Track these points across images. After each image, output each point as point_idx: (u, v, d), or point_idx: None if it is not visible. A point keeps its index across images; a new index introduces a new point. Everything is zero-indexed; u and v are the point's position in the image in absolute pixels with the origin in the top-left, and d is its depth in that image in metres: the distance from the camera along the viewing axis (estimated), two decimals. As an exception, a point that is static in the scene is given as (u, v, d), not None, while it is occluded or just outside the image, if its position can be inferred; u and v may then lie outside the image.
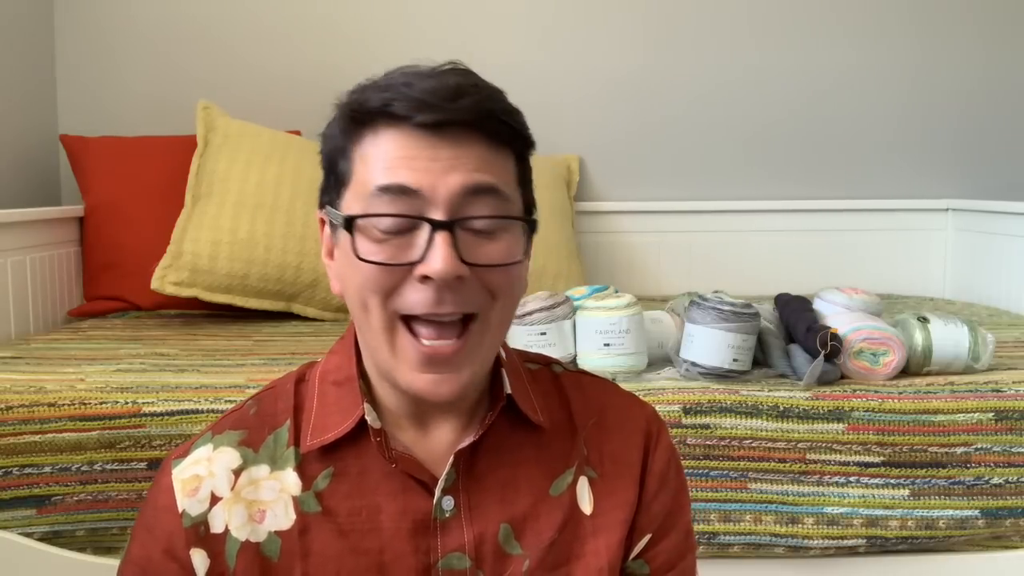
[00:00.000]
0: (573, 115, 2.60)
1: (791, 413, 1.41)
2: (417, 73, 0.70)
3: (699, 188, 2.66)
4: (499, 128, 0.70)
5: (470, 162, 0.68)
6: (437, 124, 0.68)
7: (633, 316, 1.51)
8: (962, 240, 2.62)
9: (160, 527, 0.74)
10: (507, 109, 0.71)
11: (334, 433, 0.74)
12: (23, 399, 1.40)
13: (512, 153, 0.73)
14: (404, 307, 0.69)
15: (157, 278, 2.05)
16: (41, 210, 2.19)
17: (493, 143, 0.70)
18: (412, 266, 0.68)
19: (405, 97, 0.68)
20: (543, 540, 0.76)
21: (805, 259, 2.63)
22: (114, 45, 2.53)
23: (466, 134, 0.69)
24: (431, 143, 0.68)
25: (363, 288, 0.70)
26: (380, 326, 0.70)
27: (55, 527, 1.41)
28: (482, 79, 0.72)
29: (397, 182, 0.68)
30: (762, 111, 2.63)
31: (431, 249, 0.67)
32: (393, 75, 0.71)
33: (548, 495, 0.77)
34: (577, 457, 0.79)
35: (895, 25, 2.63)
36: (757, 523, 1.42)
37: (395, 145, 0.69)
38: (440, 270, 0.66)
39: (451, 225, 0.67)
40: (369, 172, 0.69)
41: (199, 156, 2.20)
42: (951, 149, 2.67)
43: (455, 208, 0.68)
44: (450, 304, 0.68)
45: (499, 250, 0.70)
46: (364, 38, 2.53)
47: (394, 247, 0.68)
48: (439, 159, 0.68)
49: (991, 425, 1.42)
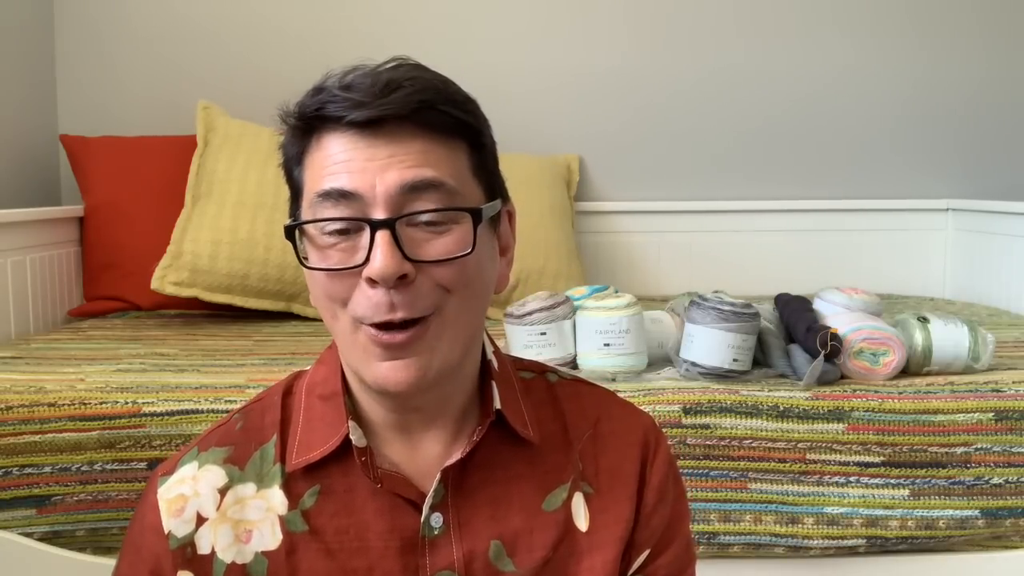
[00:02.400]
0: (573, 115, 2.60)
1: (791, 413, 1.41)
2: (356, 71, 0.69)
3: (699, 188, 2.66)
4: (439, 119, 0.68)
5: (409, 158, 0.67)
6: (370, 121, 0.66)
7: (633, 316, 1.51)
8: (962, 240, 2.62)
9: (147, 547, 0.73)
10: (448, 99, 0.69)
11: (320, 451, 0.73)
12: (23, 399, 1.40)
13: (463, 142, 0.70)
14: (357, 313, 0.68)
15: (157, 278, 2.05)
16: (41, 210, 2.19)
17: (435, 135, 0.68)
18: (359, 269, 0.67)
19: (338, 98, 0.67)
20: (536, 558, 0.74)
21: (805, 259, 2.63)
22: (114, 45, 2.52)
23: (403, 129, 0.67)
24: (369, 142, 0.67)
25: (323, 297, 0.69)
26: (347, 331, 0.69)
27: (55, 527, 1.40)
28: (425, 71, 0.70)
29: (336, 187, 0.67)
30: (762, 111, 2.63)
31: (373, 250, 0.65)
32: (330, 76, 0.70)
33: (541, 510, 0.75)
34: (572, 472, 0.77)
35: (896, 24, 2.63)
36: (757, 523, 1.42)
37: (335, 149, 0.67)
38: (379, 269, 0.65)
39: (391, 223, 0.65)
40: (313, 179, 0.69)
41: (199, 156, 2.20)
42: (951, 149, 2.67)
43: (396, 206, 0.66)
44: (401, 308, 0.66)
45: (446, 244, 0.67)
46: (364, 38, 2.53)
47: (340, 252, 0.67)
48: (376, 158, 0.66)
49: (991, 425, 1.42)
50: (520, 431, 0.75)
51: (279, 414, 0.77)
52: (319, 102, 0.68)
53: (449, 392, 0.74)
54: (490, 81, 2.46)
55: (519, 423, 0.76)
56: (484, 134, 0.72)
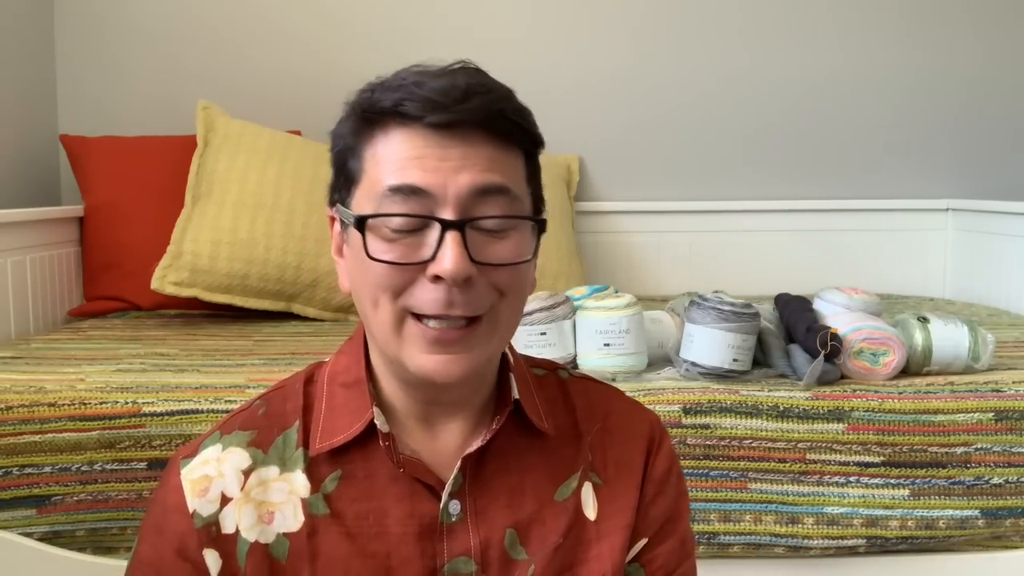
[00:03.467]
0: (573, 115, 2.60)
1: (791, 413, 1.41)
2: (428, 72, 0.71)
3: (699, 188, 2.66)
4: (508, 128, 0.71)
5: (480, 162, 0.69)
6: (448, 124, 0.68)
7: (633, 316, 1.51)
8: (962, 240, 2.62)
9: (171, 528, 0.74)
10: (516, 109, 0.72)
11: (343, 436, 0.74)
12: (23, 399, 1.40)
13: (521, 152, 0.73)
14: (414, 306, 0.69)
15: (157, 278, 2.05)
16: (41, 210, 2.19)
17: (502, 143, 0.71)
18: (423, 265, 0.68)
19: (416, 97, 0.68)
20: (548, 545, 0.76)
21: (805, 259, 2.63)
22: (114, 45, 2.53)
23: (476, 134, 0.69)
24: (441, 143, 0.68)
25: (374, 286, 0.70)
26: (390, 320, 0.70)
27: (55, 527, 1.40)
28: (492, 79, 0.72)
29: (408, 182, 0.68)
30: (762, 111, 2.63)
31: (442, 249, 0.67)
32: (404, 74, 0.71)
33: (553, 500, 0.77)
34: (582, 462, 0.79)
35: (895, 25, 2.63)
36: (757, 523, 1.42)
37: (406, 145, 0.69)
38: (451, 270, 0.67)
39: (461, 225, 0.68)
40: (380, 172, 0.70)
41: (199, 156, 2.20)
42: (951, 149, 2.67)
43: (465, 208, 0.68)
44: (459, 307, 0.69)
45: (508, 249, 0.70)
46: (364, 38, 2.53)
47: (405, 246, 0.69)
48: (449, 159, 0.68)
49: (991, 425, 1.42)
50: (536, 422, 0.78)
51: (301, 401, 0.78)
52: (397, 99, 0.69)
53: (477, 385, 0.76)
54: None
55: (535, 415, 0.78)
56: (539, 145, 0.75)
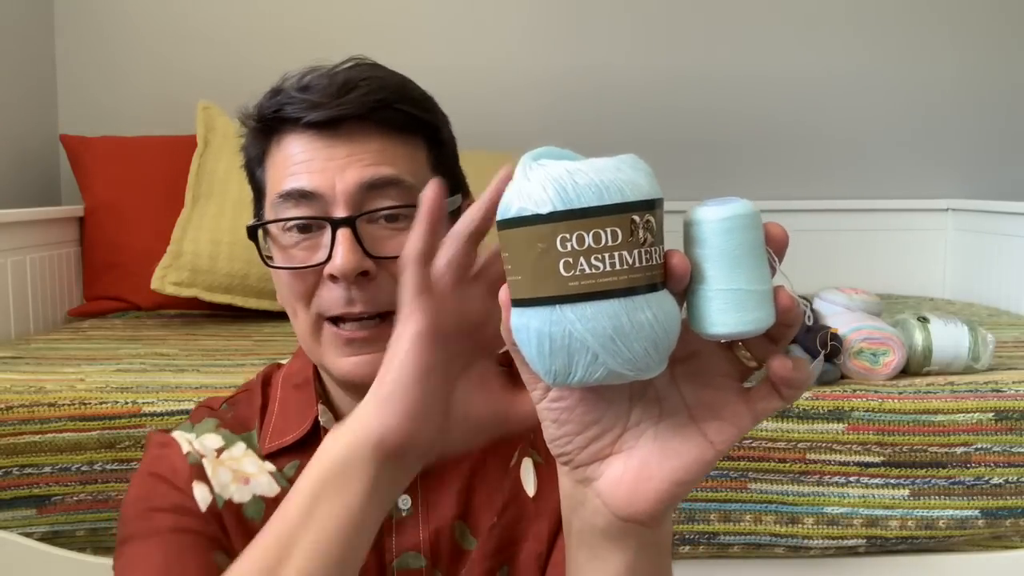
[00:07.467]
0: (570, 115, 2.60)
1: (791, 413, 1.41)
2: (311, 73, 0.70)
3: (699, 188, 2.65)
4: (396, 117, 0.69)
5: (367, 156, 0.68)
6: (328, 121, 0.67)
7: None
8: (962, 240, 2.61)
9: (165, 464, 0.74)
10: (405, 97, 0.70)
11: (292, 436, 0.75)
12: (23, 399, 1.40)
13: (422, 139, 0.72)
14: (324, 309, 0.70)
15: (157, 278, 2.05)
16: (41, 210, 2.19)
17: (393, 133, 0.69)
18: (322, 267, 0.68)
19: (295, 100, 0.68)
20: (487, 525, 0.75)
21: (805, 259, 2.63)
22: (114, 45, 2.52)
23: (362, 128, 0.68)
24: (328, 142, 0.68)
25: (288, 296, 0.71)
26: (308, 327, 0.71)
27: (55, 527, 1.41)
28: (382, 70, 0.71)
29: (296, 187, 0.68)
30: (762, 111, 2.63)
31: (335, 247, 0.67)
32: (287, 78, 0.71)
33: (500, 483, 0.76)
34: (523, 441, 0.78)
35: (895, 25, 2.63)
36: (757, 523, 1.42)
37: (296, 149, 0.69)
38: (340, 265, 0.66)
39: (351, 221, 0.67)
40: (275, 180, 0.70)
41: (199, 156, 2.20)
42: (951, 149, 2.67)
43: (356, 204, 0.68)
44: (361, 303, 0.68)
45: None
46: (364, 38, 2.53)
47: (304, 251, 0.69)
48: (335, 158, 0.68)
49: (991, 425, 1.42)
50: None
51: (260, 401, 0.79)
52: (277, 104, 0.69)
53: None
54: (482, 80, 2.47)
55: None
56: (442, 131, 0.74)
